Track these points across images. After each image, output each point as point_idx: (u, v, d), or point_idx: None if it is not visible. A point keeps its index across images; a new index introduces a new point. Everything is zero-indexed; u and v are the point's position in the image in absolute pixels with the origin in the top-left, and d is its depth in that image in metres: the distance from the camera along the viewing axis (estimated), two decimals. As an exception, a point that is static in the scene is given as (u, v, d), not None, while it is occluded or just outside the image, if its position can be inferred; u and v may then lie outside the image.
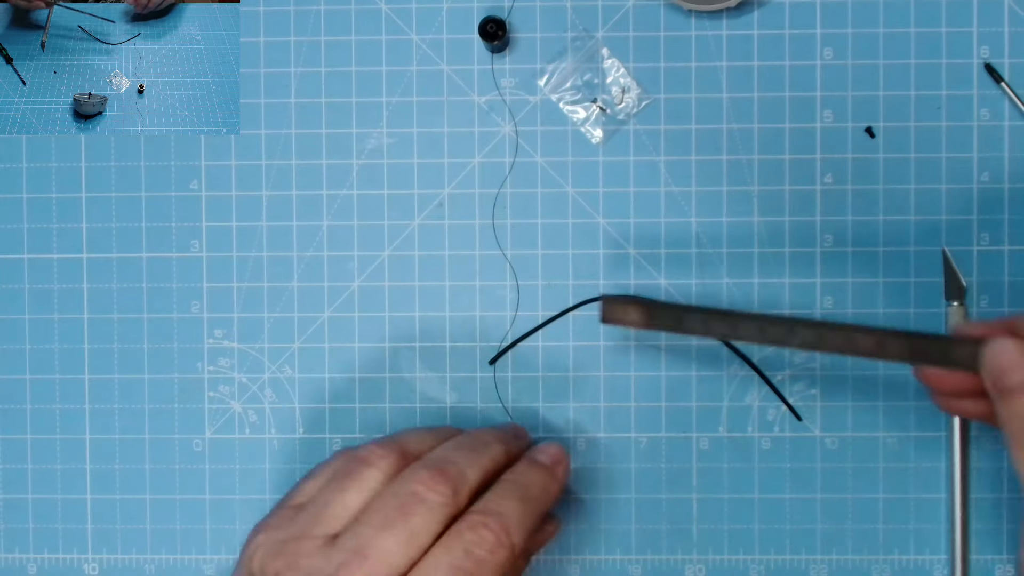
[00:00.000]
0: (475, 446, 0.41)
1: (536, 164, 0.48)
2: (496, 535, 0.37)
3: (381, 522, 0.37)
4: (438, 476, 0.38)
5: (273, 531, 0.39)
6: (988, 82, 0.47)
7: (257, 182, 0.49)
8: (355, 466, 0.40)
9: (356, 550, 0.37)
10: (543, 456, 0.43)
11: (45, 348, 0.49)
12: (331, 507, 0.39)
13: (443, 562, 0.37)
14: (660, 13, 0.48)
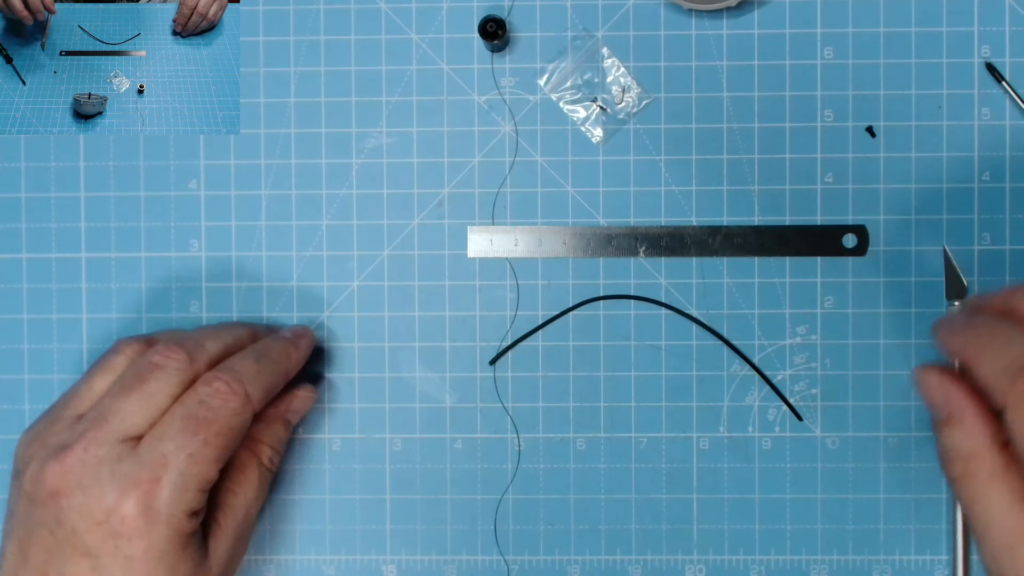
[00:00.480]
0: (218, 327, 0.45)
1: (536, 163, 0.48)
2: (228, 384, 0.41)
3: (120, 391, 0.40)
4: (174, 347, 0.41)
5: (32, 428, 0.42)
6: (989, 81, 0.47)
7: (256, 182, 0.48)
8: (105, 356, 0.43)
9: (96, 418, 0.39)
10: (286, 332, 0.46)
11: (44, 348, 0.49)
12: (80, 392, 0.42)
13: (178, 414, 0.40)
14: (660, 12, 0.48)
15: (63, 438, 0.40)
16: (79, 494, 0.38)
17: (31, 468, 0.39)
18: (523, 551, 0.48)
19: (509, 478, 0.48)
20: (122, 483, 0.38)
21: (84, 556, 0.38)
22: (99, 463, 0.39)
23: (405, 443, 0.49)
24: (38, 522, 0.39)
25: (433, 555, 0.48)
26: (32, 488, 0.39)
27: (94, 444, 0.39)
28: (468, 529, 0.48)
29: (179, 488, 0.39)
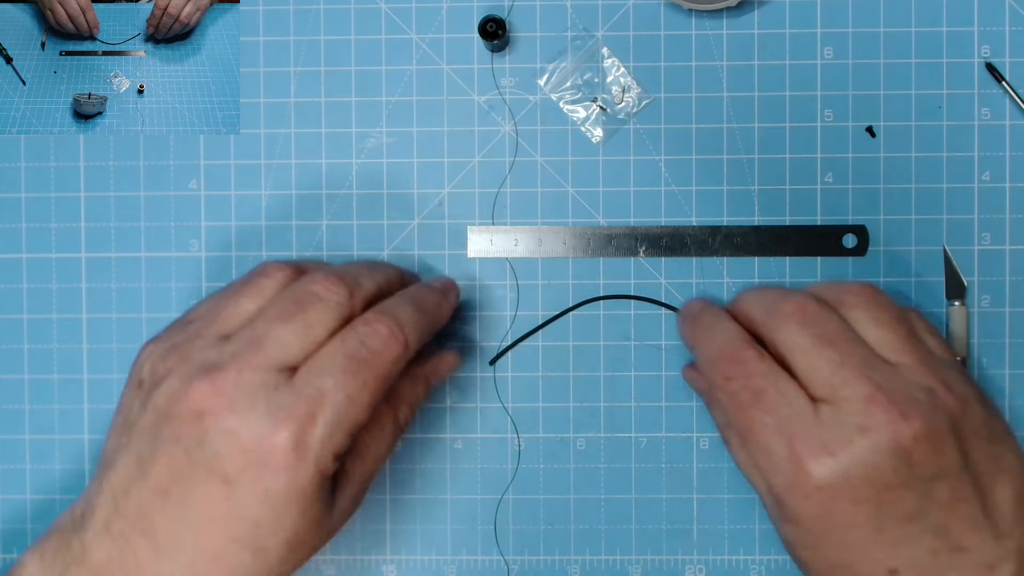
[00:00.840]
0: (370, 265, 0.43)
1: (536, 163, 0.48)
2: (389, 329, 0.39)
3: (277, 315, 0.38)
4: (334, 278, 0.39)
5: (163, 340, 0.40)
6: (989, 81, 0.47)
7: (256, 181, 0.48)
8: (251, 278, 0.41)
9: (251, 340, 0.38)
10: (436, 283, 0.45)
11: (43, 348, 0.49)
12: (225, 312, 0.40)
13: (338, 351, 0.38)
14: (660, 12, 0.48)
15: (210, 356, 0.38)
16: (230, 417, 0.36)
17: (169, 382, 0.37)
18: (523, 551, 0.48)
19: (509, 478, 0.48)
20: (277, 413, 0.36)
21: (221, 482, 0.36)
22: (254, 389, 0.36)
23: (405, 443, 0.49)
24: (171, 439, 0.37)
25: (433, 555, 0.48)
26: (168, 403, 0.37)
27: (248, 368, 0.37)
28: (468, 529, 0.48)
29: (333, 427, 0.37)
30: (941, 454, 0.37)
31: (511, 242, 0.48)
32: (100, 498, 0.38)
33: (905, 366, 0.39)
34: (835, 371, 0.38)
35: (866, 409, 0.37)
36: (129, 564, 0.37)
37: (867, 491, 0.37)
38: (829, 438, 0.37)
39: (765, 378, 0.39)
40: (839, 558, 0.39)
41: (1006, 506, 0.39)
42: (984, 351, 0.48)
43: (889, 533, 0.38)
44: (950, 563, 0.38)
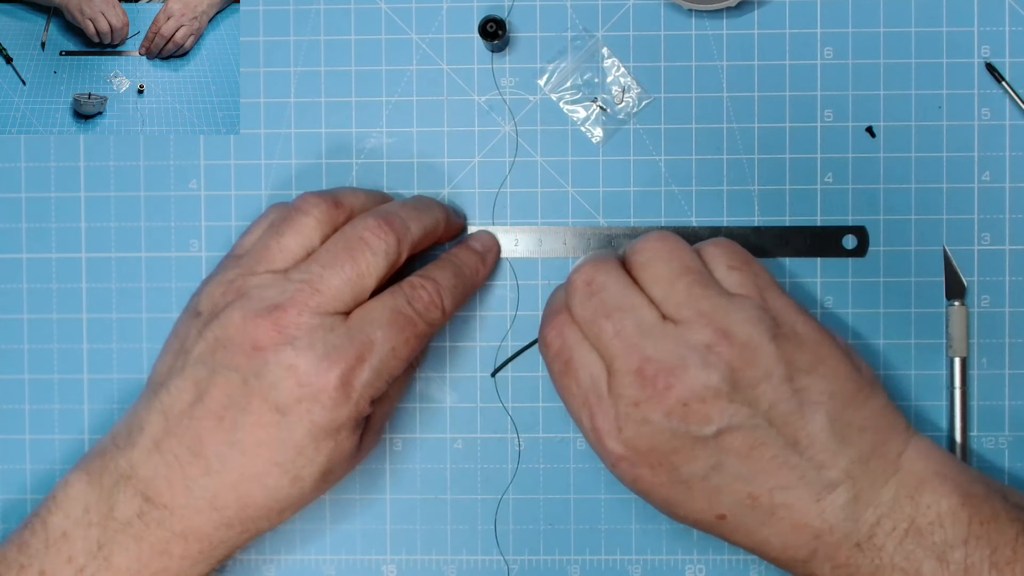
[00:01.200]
0: (418, 205, 0.44)
1: (536, 163, 0.48)
2: (431, 295, 0.42)
3: (330, 261, 0.41)
4: (384, 225, 0.42)
5: (218, 275, 0.43)
6: (989, 81, 0.47)
7: (256, 182, 0.48)
8: (290, 213, 0.43)
9: (308, 282, 0.40)
10: (477, 244, 0.47)
11: (44, 348, 0.49)
12: (271, 250, 0.42)
13: (388, 305, 0.41)
14: (660, 12, 0.48)
15: (269, 294, 0.40)
16: (289, 353, 0.39)
17: (228, 314, 0.40)
18: (523, 551, 0.48)
19: (509, 478, 0.48)
20: (332, 353, 0.39)
21: (273, 411, 0.40)
22: (312, 329, 0.40)
23: (405, 443, 0.49)
24: (230, 367, 0.40)
25: (433, 555, 0.48)
26: (229, 334, 0.40)
27: (307, 311, 0.40)
28: (468, 529, 0.48)
29: (376, 373, 0.40)
30: (719, 410, 0.38)
31: (511, 242, 0.48)
32: (151, 416, 0.41)
33: (683, 323, 0.40)
34: (611, 342, 0.40)
35: (636, 382, 0.39)
36: (176, 480, 0.40)
37: (656, 456, 0.39)
38: (615, 414, 0.40)
39: (570, 348, 0.41)
40: (669, 511, 0.41)
41: (822, 435, 0.39)
42: (984, 351, 0.48)
43: (697, 488, 0.40)
44: (772, 501, 0.39)
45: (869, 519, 0.39)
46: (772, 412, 0.39)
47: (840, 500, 0.39)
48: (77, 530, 0.40)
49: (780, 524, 0.40)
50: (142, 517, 0.40)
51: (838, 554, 0.39)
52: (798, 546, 0.40)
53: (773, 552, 0.40)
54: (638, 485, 0.41)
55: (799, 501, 0.39)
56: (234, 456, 0.40)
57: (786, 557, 0.40)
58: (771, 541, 0.40)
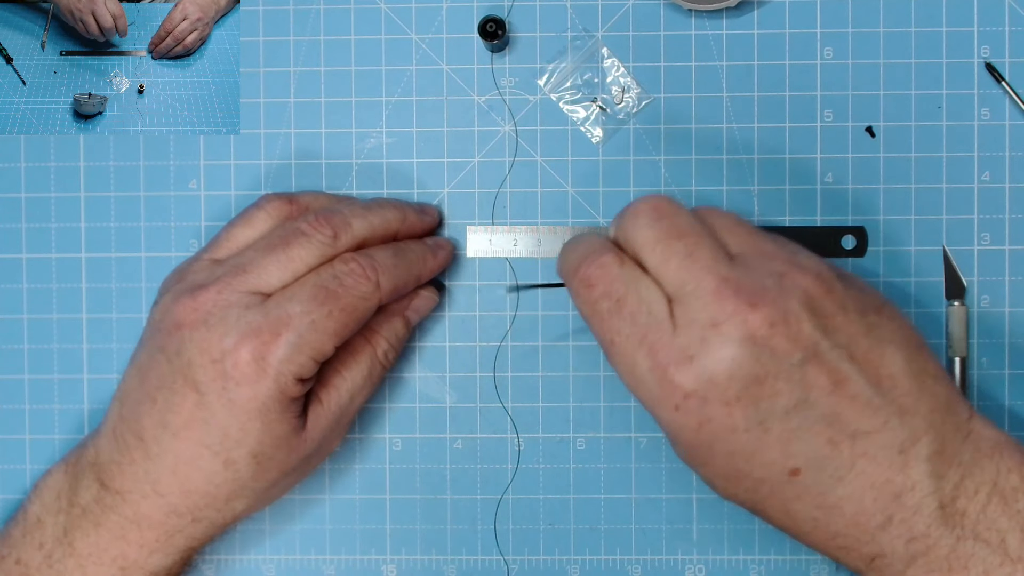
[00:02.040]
0: (369, 205, 0.45)
1: (536, 164, 0.48)
2: (363, 268, 0.42)
3: (264, 247, 0.42)
4: (323, 219, 0.42)
5: (175, 269, 0.44)
6: (989, 81, 0.47)
7: (256, 182, 0.48)
8: (248, 209, 0.44)
9: (236, 266, 0.41)
10: (429, 239, 0.47)
11: (44, 348, 0.49)
12: (219, 239, 0.44)
13: (310, 281, 0.41)
14: (660, 12, 0.48)
15: (200, 277, 0.42)
16: (203, 329, 0.40)
17: (164, 299, 0.42)
18: (523, 551, 0.48)
19: (509, 478, 0.48)
20: (244, 329, 0.40)
21: (192, 389, 0.40)
22: (227, 306, 0.40)
23: (405, 443, 0.49)
24: (158, 348, 0.41)
25: (433, 555, 0.48)
26: (160, 317, 0.41)
27: (227, 289, 0.41)
28: (468, 529, 0.48)
29: (294, 349, 0.40)
30: (801, 335, 0.35)
31: (511, 242, 0.48)
32: (112, 404, 0.43)
33: (752, 256, 0.37)
34: (682, 264, 0.37)
35: (716, 303, 0.35)
36: (125, 464, 0.41)
37: (736, 388, 0.35)
38: (686, 343, 0.36)
39: (624, 283, 0.38)
40: (733, 468, 0.37)
41: (901, 377, 0.37)
42: (984, 351, 0.48)
43: (776, 431, 0.36)
44: (853, 452, 0.36)
45: (953, 478, 0.36)
46: (852, 348, 0.36)
47: (924, 452, 0.36)
48: (48, 517, 0.42)
49: (858, 480, 0.36)
50: (99, 502, 0.42)
51: (916, 522, 0.36)
52: (873, 510, 0.36)
53: (842, 520, 0.37)
54: (703, 431, 0.36)
55: (882, 451, 0.36)
56: (167, 439, 0.41)
57: (856, 528, 0.37)
58: (844, 504, 0.36)
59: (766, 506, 0.38)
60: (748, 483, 0.37)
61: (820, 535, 0.38)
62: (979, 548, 0.36)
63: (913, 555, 0.37)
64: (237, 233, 0.44)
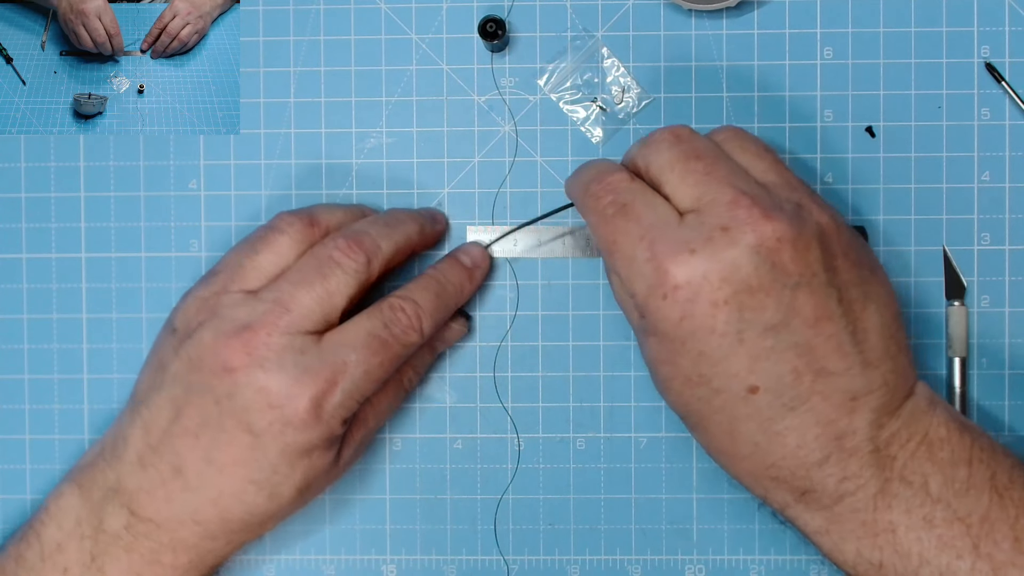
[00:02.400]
0: (390, 222, 0.44)
1: (536, 164, 0.48)
2: (410, 319, 0.42)
3: (300, 280, 0.41)
4: (354, 244, 0.42)
5: (195, 291, 0.43)
6: (989, 81, 0.47)
7: (256, 182, 0.48)
8: (266, 232, 0.43)
9: (278, 301, 0.41)
10: (466, 258, 0.46)
11: (44, 348, 0.49)
12: (244, 267, 0.42)
13: (364, 327, 0.41)
14: (660, 12, 0.48)
15: (240, 314, 0.41)
16: (259, 374, 0.40)
17: (201, 335, 0.41)
18: (523, 551, 0.48)
19: (509, 478, 0.48)
20: (302, 376, 0.40)
21: (246, 433, 0.40)
22: (282, 350, 0.40)
23: (405, 443, 0.49)
24: (203, 388, 0.40)
25: (433, 555, 0.48)
26: (201, 355, 0.41)
27: (277, 332, 0.40)
28: (468, 529, 0.48)
29: (348, 396, 0.41)
30: (805, 260, 0.37)
31: (511, 242, 0.48)
32: (133, 431, 0.42)
33: (774, 183, 0.39)
34: (700, 180, 0.38)
35: (729, 211, 0.37)
36: (159, 494, 0.41)
37: (727, 291, 0.36)
38: (690, 237, 0.37)
39: (632, 192, 0.39)
40: (696, 370, 0.38)
41: (874, 335, 0.39)
42: (984, 351, 0.48)
43: (749, 344, 0.37)
44: (812, 387, 0.37)
45: (891, 427, 0.38)
46: (843, 291, 0.38)
47: (872, 403, 0.38)
48: (71, 542, 0.41)
49: (808, 415, 0.38)
50: (130, 529, 0.41)
51: (850, 463, 0.38)
52: (814, 446, 0.38)
53: (783, 450, 0.38)
54: (683, 325, 0.37)
55: (837, 393, 0.38)
56: (211, 474, 0.41)
57: (794, 460, 0.38)
58: (787, 435, 0.38)
59: (712, 421, 0.39)
60: (704, 391, 0.38)
61: (757, 462, 0.39)
62: (903, 489, 0.38)
63: (842, 493, 0.38)
64: (263, 261, 0.43)
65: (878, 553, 0.38)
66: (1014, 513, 0.38)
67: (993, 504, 0.38)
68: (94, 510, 0.42)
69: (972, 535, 0.37)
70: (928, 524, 0.38)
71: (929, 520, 0.38)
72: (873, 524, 0.38)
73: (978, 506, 0.38)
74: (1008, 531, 0.37)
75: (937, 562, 0.37)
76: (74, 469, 0.43)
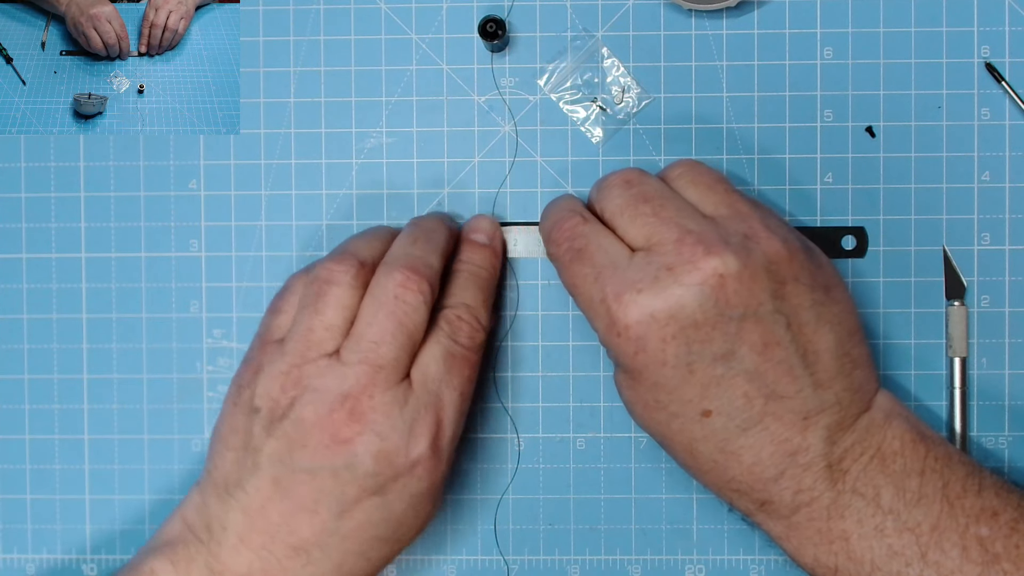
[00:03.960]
0: (428, 237, 0.44)
1: (536, 164, 0.48)
2: (470, 324, 0.43)
3: (379, 333, 0.40)
4: (413, 276, 0.41)
5: (266, 367, 0.41)
6: (989, 81, 0.47)
7: (256, 181, 0.48)
8: (320, 288, 0.42)
9: (365, 361, 0.40)
10: (481, 236, 0.46)
11: (43, 348, 0.49)
12: (315, 331, 0.41)
13: (438, 353, 0.42)
14: (660, 12, 0.48)
15: (332, 384, 0.40)
16: (375, 440, 0.40)
17: (300, 413, 0.40)
18: (523, 551, 0.48)
19: (509, 478, 0.48)
20: (413, 427, 0.40)
21: (373, 495, 0.40)
22: (388, 409, 0.40)
23: (405, 443, 0.49)
24: (314, 464, 0.40)
25: (433, 555, 0.48)
26: (305, 432, 0.40)
27: (378, 391, 0.40)
28: (468, 529, 0.48)
29: (454, 425, 0.42)
30: (750, 293, 0.38)
31: (511, 242, 0.48)
32: (232, 515, 0.40)
33: (723, 217, 0.40)
34: (648, 222, 0.40)
35: (675, 249, 0.39)
36: (274, 572, 0.40)
37: (673, 328, 0.38)
38: (638, 277, 0.39)
39: (586, 237, 0.41)
40: (654, 397, 0.40)
41: (826, 357, 0.40)
42: (984, 351, 0.48)
43: (700, 373, 0.39)
44: (764, 409, 0.39)
45: (844, 443, 0.40)
46: (792, 317, 0.39)
47: (824, 421, 0.40)
48: None
49: (761, 435, 0.39)
50: None
51: (804, 477, 0.40)
52: (769, 463, 0.40)
53: (739, 467, 0.40)
54: (637, 359, 0.39)
55: (789, 414, 0.39)
56: (336, 543, 0.40)
57: (751, 476, 0.40)
58: (743, 453, 0.40)
59: (674, 441, 0.41)
60: (663, 415, 0.40)
61: (717, 477, 0.41)
62: (856, 500, 0.40)
63: (798, 505, 0.40)
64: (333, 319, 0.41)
65: (833, 558, 0.40)
66: (964, 522, 0.39)
67: (943, 514, 0.39)
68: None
69: (921, 544, 0.39)
70: (879, 533, 0.39)
71: (880, 530, 0.39)
72: (828, 532, 0.40)
73: (928, 516, 0.39)
74: (957, 540, 0.39)
75: (887, 569, 0.39)
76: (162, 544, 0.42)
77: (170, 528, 0.42)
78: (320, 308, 0.41)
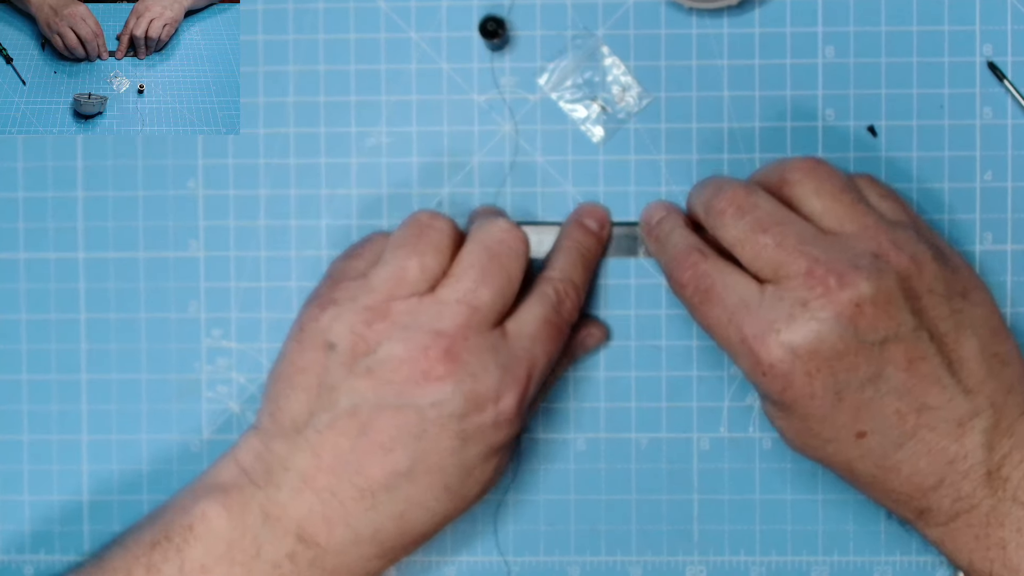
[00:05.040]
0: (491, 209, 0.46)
1: (536, 163, 0.48)
2: (572, 300, 0.43)
3: (480, 275, 0.40)
4: (515, 227, 0.42)
5: (346, 303, 0.41)
6: (991, 80, 0.47)
7: (255, 181, 0.48)
8: (422, 230, 0.42)
9: (462, 302, 0.40)
10: (592, 222, 0.47)
11: (41, 348, 0.49)
12: (410, 271, 0.41)
13: (538, 315, 0.42)
14: (661, 11, 0.48)
15: (426, 320, 0.40)
16: (469, 381, 0.39)
17: (390, 348, 0.39)
18: (523, 551, 0.48)
19: (509, 478, 0.48)
20: (505, 375, 0.40)
21: (453, 438, 0.40)
22: (482, 352, 0.40)
23: (404, 444, 0.48)
24: (401, 401, 0.39)
25: (433, 555, 0.48)
26: (394, 368, 0.39)
27: (473, 332, 0.40)
28: (468, 529, 0.48)
29: (537, 386, 0.42)
30: (888, 316, 0.38)
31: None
32: (299, 455, 0.40)
33: (848, 234, 0.40)
34: (773, 254, 0.39)
35: (805, 283, 0.38)
36: (336, 517, 0.40)
37: (817, 362, 0.38)
38: (773, 317, 0.38)
39: (710, 276, 0.41)
40: (806, 426, 0.40)
41: (972, 362, 0.40)
42: (986, 351, 0.47)
43: (849, 400, 0.39)
44: (917, 422, 0.39)
45: (1003, 449, 0.39)
46: (935, 327, 0.39)
47: (980, 426, 0.39)
48: (219, 567, 0.40)
49: (918, 447, 0.39)
50: (293, 558, 0.40)
51: (963, 485, 0.39)
52: (927, 473, 0.39)
53: (898, 479, 0.40)
54: (785, 395, 0.39)
55: (942, 424, 0.39)
56: (404, 486, 0.40)
57: (910, 486, 0.40)
58: (901, 466, 0.40)
59: (831, 462, 0.41)
60: (817, 442, 0.40)
61: (877, 490, 0.41)
62: (1016, 509, 0.39)
63: (957, 512, 0.40)
64: (430, 262, 0.41)
65: (988, 565, 0.40)
66: None
67: None
68: (248, 536, 0.40)
69: None
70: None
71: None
72: (985, 539, 0.39)
73: None
74: None
75: None
76: (213, 487, 0.41)
77: (222, 472, 0.41)
78: (421, 249, 0.41)
